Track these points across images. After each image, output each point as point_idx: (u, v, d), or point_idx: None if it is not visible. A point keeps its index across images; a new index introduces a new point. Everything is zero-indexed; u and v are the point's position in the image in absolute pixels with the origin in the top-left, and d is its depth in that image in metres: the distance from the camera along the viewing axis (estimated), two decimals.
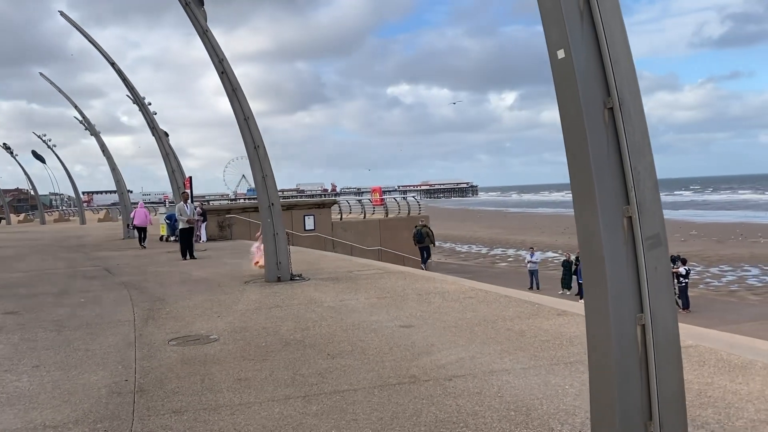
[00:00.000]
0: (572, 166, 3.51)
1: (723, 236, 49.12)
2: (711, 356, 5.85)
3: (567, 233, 57.20)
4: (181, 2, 11.73)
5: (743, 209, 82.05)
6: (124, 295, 11.33)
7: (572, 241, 48.46)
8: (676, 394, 3.50)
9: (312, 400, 5.14)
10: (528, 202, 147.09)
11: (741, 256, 37.39)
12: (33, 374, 6.22)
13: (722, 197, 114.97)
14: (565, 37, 3.35)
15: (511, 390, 5.18)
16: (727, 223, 62.52)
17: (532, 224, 73.11)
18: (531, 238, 55.58)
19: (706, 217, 72.47)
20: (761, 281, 30.10)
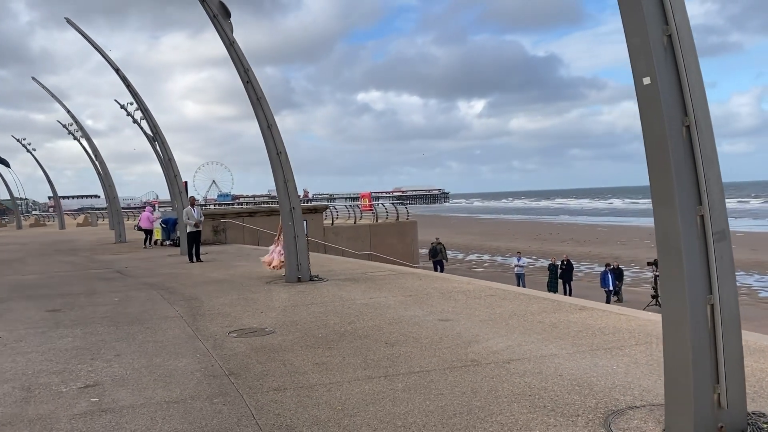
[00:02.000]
0: (654, 173, 4.24)
1: None
2: None
3: (539, 239, 58.69)
4: (208, 15, 12.25)
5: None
6: (154, 294, 11.78)
7: (545, 247, 49.80)
8: (738, 362, 4.25)
9: (394, 380, 5.78)
10: (494, 208, 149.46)
11: None
12: (120, 362, 6.72)
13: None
14: (651, 67, 4.09)
15: (567, 370, 5.90)
16: None
17: (505, 230, 74.55)
18: (505, 244, 56.85)
19: None
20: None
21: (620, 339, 7.04)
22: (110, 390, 5.68)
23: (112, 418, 4.92)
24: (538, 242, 55.03)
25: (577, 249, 45.96)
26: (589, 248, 48.75)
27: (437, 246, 28.06)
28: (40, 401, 5.43)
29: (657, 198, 4.27)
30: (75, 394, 5.59)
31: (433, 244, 29.00)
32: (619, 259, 43.01)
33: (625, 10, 4.19)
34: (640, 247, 49.78)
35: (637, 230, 67.19)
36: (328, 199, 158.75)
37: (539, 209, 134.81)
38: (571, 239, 57.84)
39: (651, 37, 4.08)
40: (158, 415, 4.98)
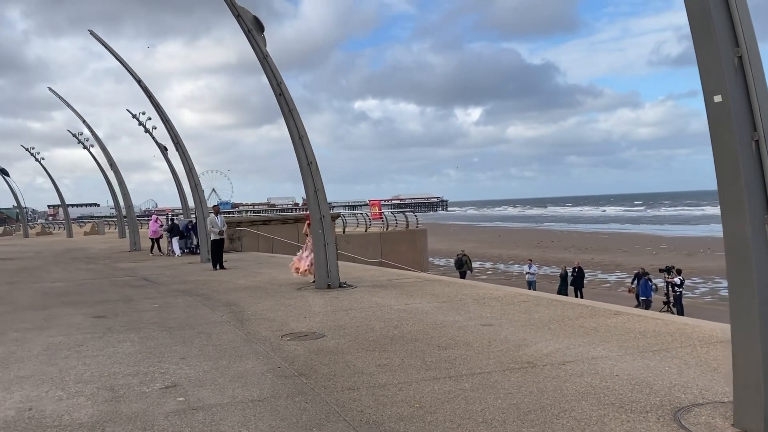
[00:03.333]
0: (723, 185, 4.57)
1: (692, 250, 51.21)
2: None
3: (541, 247, 59.11)
4: (243, 29, 12.59)
5: (708, 223, 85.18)
6: (191, 301, 12.05)
7: (547, 254, 50.15)
8: None
9: (459, 380, 6.07)
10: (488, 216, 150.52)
11: (711, 269, 39.26)
12: (188, 364, 7.00)
13: (686, 212, 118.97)
14: (723, 85, 4.42)
15: (622, 371, 6.20)
16: (695, 237, 65.09)
17: (505, 238, 74.92)
18: (506, 252, 57.26)
19: (674, 231, 75.17)
20: None
21: (663, 342, 7.34)
22: (191, 390, 5.96)
23: (205, 416, 5.20)
24: (540, 250, 55.39)
25: (579, 256, 46.24)
26: (591, 255, 49.12)
27: (462, 257, 28.83)
28: (128, 400, 5.70)
29: (726, 208, 4.60)
30: (159, 394, 5.86)
31: (459, 256, 29.81)
32: (621, 266, 43.52)
33: (697, 33, 4.52)
34: (643, 254, 50.20)
35: (638, 238, 67.73)
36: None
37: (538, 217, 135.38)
38: (573, 246, 58.21)
39: (722, 59, 4.41)
40: (248, 412, 5.26)
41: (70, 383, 6.35)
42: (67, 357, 7.57)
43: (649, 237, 67.98)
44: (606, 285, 34.06)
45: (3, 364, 7.29)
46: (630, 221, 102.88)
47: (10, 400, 5.85)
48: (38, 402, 5.75)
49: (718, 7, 4.39)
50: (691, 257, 46.28)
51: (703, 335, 7.59)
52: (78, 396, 5.89)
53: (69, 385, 6.30)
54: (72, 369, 6.95)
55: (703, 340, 7.34)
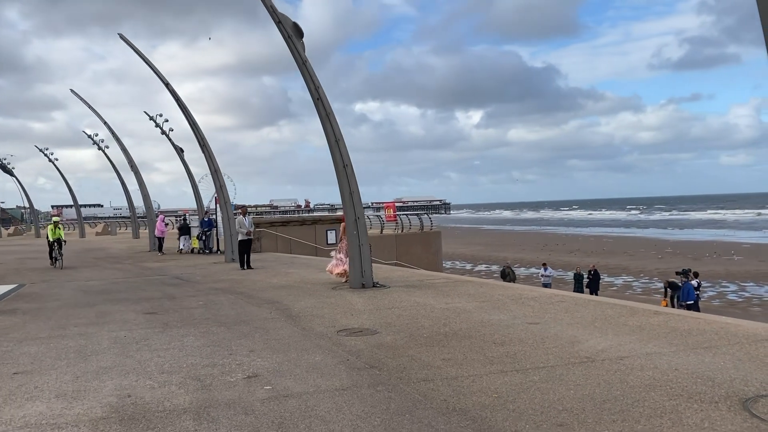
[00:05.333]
0: None
1: (698, 254, 51.52)
2: None
3: (546, 250, 59.38)
4: (283, 35, 12.92)
5: (713, 228, 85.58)
6: (233, 299, 12.38)
7: (552, 257, 50.53)
8: None
9: (527, 373, 6.39)
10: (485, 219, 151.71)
11: (718, 273, 39.57)
12: (259, 356, 7.32)
13: (691, 216, 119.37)
14: None
15: (680, 365, 6.51)
16: (700, 241, 65.43)
17: (510, 241, 75.30)
18: (512, 255, 57.59)
19: (679, 235, 75.48)
20: (740, 297, 32.30)
21: (710, 339, 7.66)
22: (274, 380, 6.28)
23: (298, 402, 5.52)
24: (546, 253, 55.65)
25: (585, 260, 46.58)
26: (597, 259, 49.38)
27: (506, 269, 29.42)
28: (218, 389, 6.02)
29: None
30: (245, 383, 6.18)
31: (503, 267, 30.44)
32: (627, 270, 43.84)
33: None
34: (648, 258, 50.53)
35: (643, 241, 68.04)
36: (329, 209, 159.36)
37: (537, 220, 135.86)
38: (579, 250, 58.52)
39: None
40: (338, 400, 5.58)
41: (155, 373, 6.68)
42: (138, 350, 7.89)
43: (654, 241, 68.31)
44: (613, 288, 34.35)
45: (81, 356, 7.62)
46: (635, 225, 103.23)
47: (106, 388, 6.17)
48: (133, 390, 6.07)
49: None
50: (697, 261, 46.61)
51: (747, 333, 7.90)
52: (168, 385, 6.21)
53: (154, 375, 6.62)
54: (149, 361, 7.27)
55: (749, 338, 7.65)
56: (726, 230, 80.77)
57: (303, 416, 5.19)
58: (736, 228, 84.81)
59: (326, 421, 5.08)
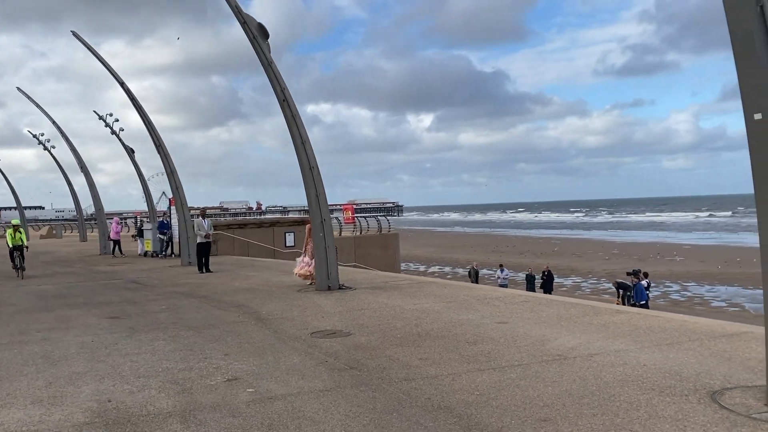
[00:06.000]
0: (761, 196, 5.19)
1: (642, 255, 53.24)
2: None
3: (497, 252, 60.40)
4: (248, 36, 12.84)
5: (655, 230, 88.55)
6: (197, 302, 12.21)
7: (503, 259, 51.33)
8: None
9: (504, 371, 6.56)
10: (434, 221, 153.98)
11: (662, 273, 41.05)
12: (236, 359, 7.27)
13: (634, 219, 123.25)
14: (763, 105, 5.04)
15: (648, 361, 6.79)
16: (644, 243, 67.64)
17: (462, 243, 76.32)
18: (464, 256, 58.44)
19: (624, 237, 77.79)
20: (683, 296, 33.62)
21: (672, 336, 8.00)
22: (255, 383, 6.27)
23: (284, 404, 5.54)
24: (497, 255, 56.58)
25: (535, 261, 47.57)
26: (547, 260, 50.46)
27: (472, 270, 29.82)
28: (200, 392, 5.98)
29: (763, 215, 5.22)
30: (227, 386, 6.15)
31: (471, 268, 30.76)
32: (576, 271, 45.01)
33: (740, 58, 5.14)
34: (595, 259, 51.99)
35: (589, 243, 69.90)
36: (281, 211, 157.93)
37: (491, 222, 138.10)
38: (528, 251, 59.73)
39: (763, 81, 5.04)
40: (324, 400, 5.62)
41: (131, 378, 6.57)
42: (109, 354, 7.73)
43: (601, 242, 70.24)
44: (563, 288, 35.18)
45: (50, 362, 7.42)
46: (580, 227, 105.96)
47: (83, 393, 6.05)
48: (112, 394, 5.97)
49: (760, 39, 5.02)
50: (642, 262, 48.19)
51: (705, 330, 8.28)
52: (147, 389, 6.12)
53: (130, 379, 6.52)
54: (123, 365, 7.14)
55: (707, 334, 8.02)
56: (668, 232, 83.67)
57: (291, 417, 5.21)
58: (676, 230, 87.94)
59: (316, 421, 5.11)
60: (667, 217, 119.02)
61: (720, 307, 29.52)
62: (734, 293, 34.08)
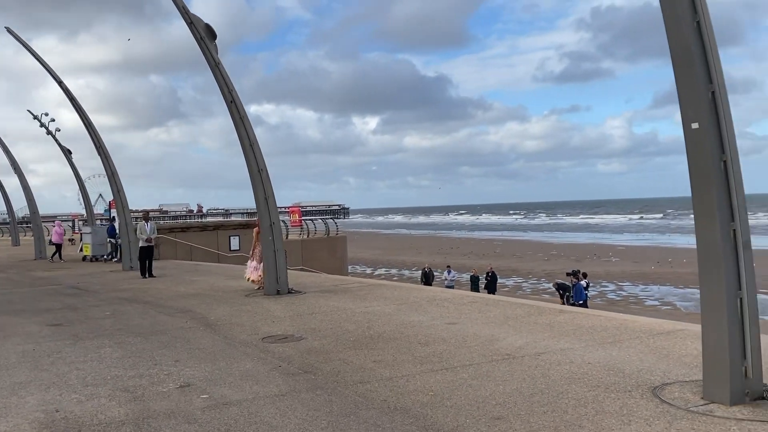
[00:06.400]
0: (698, 197, 5.49)
1: (580, 256, 54.90)
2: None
3: (442, 253, 61.19)
4: (195, 37, 12.65)
5: (591, 231, 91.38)
6: (142, 308, 11.94)
7: (448, 260, 52.07)
8: (757, 342, 5.55)
9: (456, 371, 6.70)
10: (380, 224, 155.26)
11: (598, 274, 42.46)
12: (187, 366, 7.17)
13: (570, 220, 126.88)
14: (700, 115, 5.35)
15: (592, 359, 7.06)
16: (581, 244, 69.75)
17: (408, 245, 76.95)
18: (410, 258, 58.99)
19: (562, 238, 79.98)
20: (619, 295, 34.90)
21: (614, 335, 8.33)
22: (209, 388, 6.20)
23: (240, 410, 5.51)
24: (441, 256, 57.32)
25: (478, 262, 48.40)
26: (489, 261, 51.49)
27: (426, 271, 29.82)
28: (152, 400, 5.88)
29: (700, 216, 5.52)
30: (180, 393, 6.07)
31: (424, 269, 30.78)
32: (517, 272, 46.08)
33: (679, 71, 5.43)
34: (536, 260, 53.32)
35: (529, 244, 71.61)
36: (223, 214, 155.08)
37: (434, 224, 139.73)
38: (471, 253, 60.74)
39: (699, 92, 5.34)
40: (280, 405, 5.62)
41: (78, 387, 6.40)
42: (53, 363, 7.50)
43: (540, 244, 72.04)
44: (505, 289, 35.95)
45: None
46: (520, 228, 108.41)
47: (28, 404, 5.85)
48: (59, 404, 5.80)
49: (697, 51, 5.32)
50: (580, 263, 49.70)
51: (644, 328, 8.66)
52: (97, 398, 5.98)
53: (78, 388, 6.35)
54: (68, 374, 6.94)
55: (646, 332, 8.39)
56: (603, 234, 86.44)
57: (248, 422, 5.20)
58: (611, 231, 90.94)
59: (273, 426, 5.12)
60: (601, 219, 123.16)
61: (654, 306, 30.75)
62: (667, 292, 35.55)
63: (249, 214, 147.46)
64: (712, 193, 5.38)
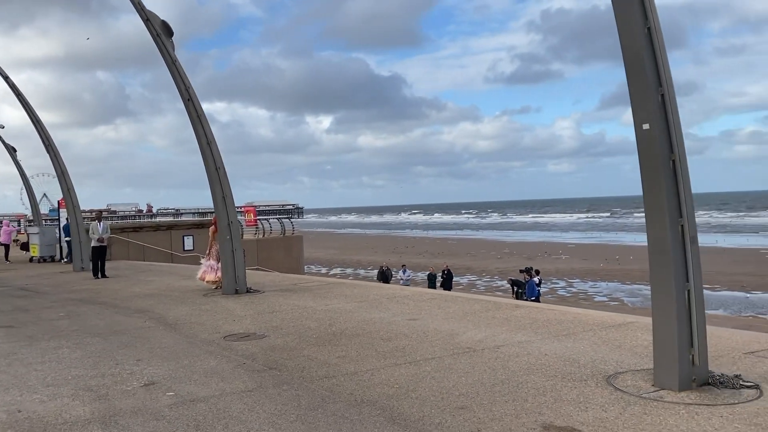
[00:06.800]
0: (648, 194, 5.78)
1: (531, 254, 56.05)
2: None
3: (397, 252, 61.59)
4: (151, 33, 12.48)
5: (542, 230, 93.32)
6: (98, 309, 11.74)
7: (404, 259, 52.49)
8: (703, 332, 5.88)
9: (419, 365, 6.86)
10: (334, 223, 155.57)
11: (549, 271, 43.49)
12: (150, 365, 7.13)
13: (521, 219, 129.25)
14: (650, 116, 5.63)
15: (549, 351, 7.32)
16: (532, 242, 71.21)
17: (363, 244, 77.11)
18: (366, 257, 59.23)
19: (514, 237, 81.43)
20: (569, 292, 35.85)
21: (568, 328, 8.63)
22: (174, 386, 6.20)
23: (208, 406, 5.54)
24: (397, 255, 57.68)
25: (433, 261, 48.92)
26: (444, 260, 52.09)
27: (384, 270, 29.86)
28: (117, 398, 5.84)
29: (650, 212, 5.82)
30: (145, 391, 6.05)
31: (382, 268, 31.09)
32: (471, 270, 46.78)
33: (631, 75, 5.71)
34: (489, 258, 54.22)
35: (482, 243, 72.70)
36: (174, 214, 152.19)
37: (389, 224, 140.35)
38: (426, 252, 61.32)
39: (650, 95, 5.63)
40: (248, 400, 5.67)
41: (39, 387, 6.31)
42: (9, 365, 7.35)
43: (493, 242, 73.22)
44: (459, 287, 36.48)
45: None
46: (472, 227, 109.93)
47: None
48: (21, 405, 5.72)
49: (648, 57, 5.60)
50: (532, 260, 50.75)
51: (596, 321, 9.00)
52: (60, 397, 5.91)
53: (39, 389, 6.25)
54: (27, 375, 6.83)
55: (598, 325, 8.73)
56: (554, 232, 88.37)
57: (217, 418, 5.24)
58: (561, 230, 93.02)
59: (242, 420, 5.17)
60: (551, 218, 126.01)
61: (602, 302, 31.66)
62: (614, 288, 36.65)
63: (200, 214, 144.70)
64: (662, 191, 5.67)
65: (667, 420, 4.94)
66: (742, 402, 5.30)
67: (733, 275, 35.81)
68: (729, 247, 53.81)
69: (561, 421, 5.00)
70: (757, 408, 5.12)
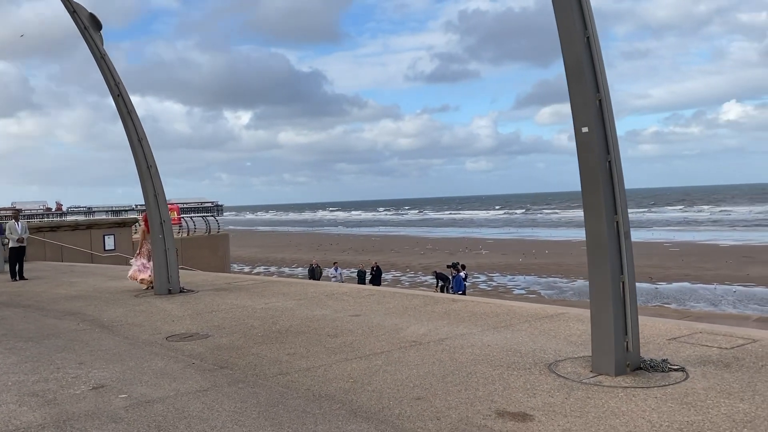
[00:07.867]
0: (587, 193, 6.18)
1: (453, 249, 57.42)
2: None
3: (321, 249, 61.61)
4: (79, 27, 12.02)
5: (462, 226, 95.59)
6: (23, 312, 11.25)
7: (328, 256, 52.62)
8: (636, 320, 6.35)
9: (369, 359, 7.03)
10: (253, 221, 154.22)
11: (470, 266, 44.69)
12: (94, 368, 6.95)
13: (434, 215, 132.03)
14: (590, 120, 6.03)
15: (491, 342, 7.67)
16: (454, 238, 72.93)
17: (286, 242, 76.59)
18: (289, 255, 59.02)
19: (435, 233, 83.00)
20: (490, 286, 37.09)
21: (505, 320, 9.03)
22: (125, 388, 6.10)
23: (165, 407, 5.50)
24: (321, 252, 57.70)
25: (358, 258, 49.30)
26: (369, 256, 52.55)
27: (315, 267, 29.44)
28: (67, 403, 5.70)
29: (588, 209, 6.23)
30: (95, 394, 5.92)
31: (312, 266, 30.29)
32: (395, 266, 47.44)
33: (572, 80, 6.09)
34: (412, 254, 55.13)
35: (405, 239, 73.74)
36: (86, 212, 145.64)
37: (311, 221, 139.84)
38: (351, 249, 61.65)
39: (589, 100, 6.03)
40: (205, 399, 5.67)
41: None
42: None
43: (415, 239, 74.40)
44: (385, 282, 36.94)
45: None
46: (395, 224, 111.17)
47: None
48: None
49: (587, 64, 6.00)
50: (453, 255, 51.97)
51: (529, 313, 9.45)
52: (4, 404, 5.70)
53: None
54: None
55: (532, 316, 9.18)
56: (473, 228, 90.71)
57: (178, 417, 5.23)
58: (480, 226, 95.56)
59: (204, 419, 5.19)
60: (467, 215, 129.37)
61: (521, 295, 32.91)
62: (532, 282, 38.16)
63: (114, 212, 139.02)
64: (599, 189, 6.08)
65: (609, 402, 5.33)
66: (671, 384, 5.78)
67: (641, 267, 38.03)
68: (637, 241, 56.90)
69: (513, 407, 5.30)
70: (686, 389, 5.60)
